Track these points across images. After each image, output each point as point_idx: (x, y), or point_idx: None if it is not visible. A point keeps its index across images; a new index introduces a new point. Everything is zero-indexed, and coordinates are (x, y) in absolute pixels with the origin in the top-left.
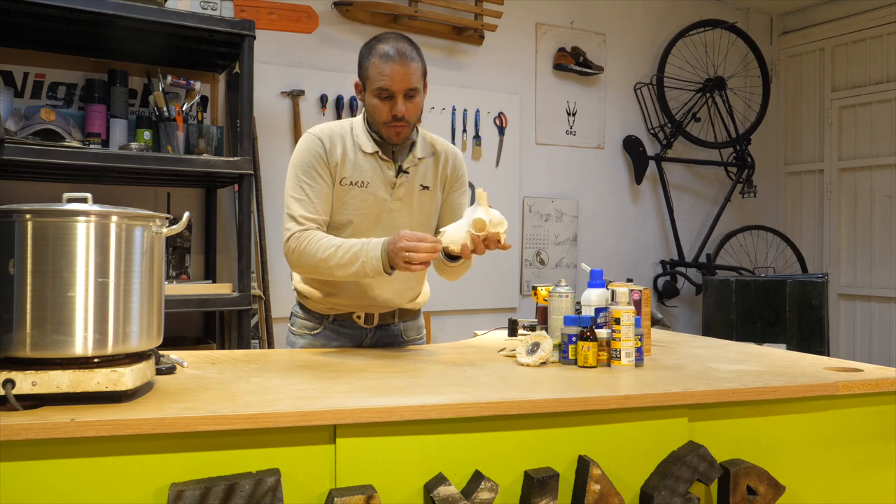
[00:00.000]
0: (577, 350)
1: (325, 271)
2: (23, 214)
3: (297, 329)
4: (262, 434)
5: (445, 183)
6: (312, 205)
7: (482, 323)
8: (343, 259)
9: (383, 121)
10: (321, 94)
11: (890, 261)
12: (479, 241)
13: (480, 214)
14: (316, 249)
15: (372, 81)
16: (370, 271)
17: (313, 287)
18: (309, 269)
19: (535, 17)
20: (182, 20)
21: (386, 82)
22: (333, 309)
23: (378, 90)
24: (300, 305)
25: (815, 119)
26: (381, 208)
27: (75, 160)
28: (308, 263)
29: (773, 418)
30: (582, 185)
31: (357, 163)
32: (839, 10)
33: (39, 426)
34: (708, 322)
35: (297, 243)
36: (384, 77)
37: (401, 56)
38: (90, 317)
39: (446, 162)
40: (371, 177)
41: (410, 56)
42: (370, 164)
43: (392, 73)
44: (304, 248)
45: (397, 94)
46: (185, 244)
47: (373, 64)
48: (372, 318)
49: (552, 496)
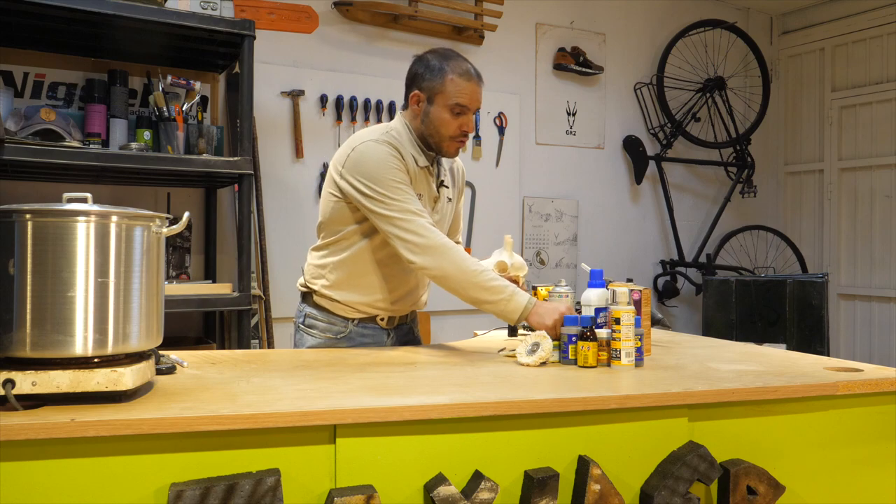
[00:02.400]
0: (577, 350)
1: (456, 284)
2: (23, 214)
3: (318, 333)
4: (262, 434)
5: (458, 194)
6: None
7: (482, 323)
8: (491, 284)
9: (451, 135)
10: (321, 94)
11: (890, 261)
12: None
13: (504, 258)
14: (460, 258)
15: (449, 97)
16: (508, 314)
17: (345, 290)
18: (440, 271)
19: (535, 17)
20: (182, 20)
21: (465, 99)
22: (360, 312)
23: (454, 105)
24: (321, 309)
25: (815, 119)
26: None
27: (75, 160)
28: (448, 269)
29: (773, 418)
30: (582, 185)
31: (417, 175)
32: (839, 10)
33: (39, 426)
34: (708, 322)
35: (435, 241)
36: (464, 94)
37: (478, 77)
38: (90, 317)
39: (458, 173)
40: (424, 189)
41: (481, 79)
42: (423, 177)
43: (472, 92)
44: (444, 243)
45: (471, 112)
46: (185, 244)
47: (451, 80)
48: (393, 319)
49: (552, 496)
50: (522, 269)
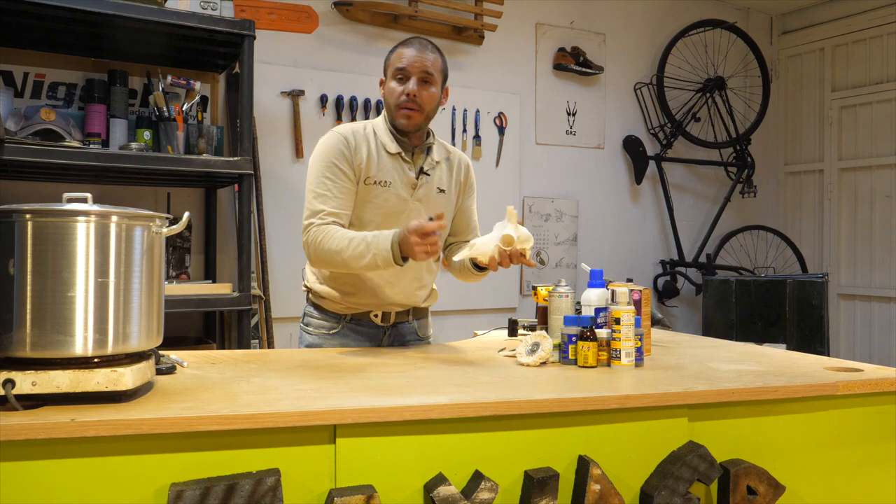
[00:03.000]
0: (577, 350)
1: (339, 264)
2: (23, 214)
3: (313, 330)
4: (262, 434)
5: (460, 189)
6: (334, 200)
7: (482, 323)
8: (356, 251)
9: (396, 102)
10: (321, 94)
11: (890, 261)
12: (506, 256)
13: (509, 230)
14: (331, 242)
15: (391, 66)
16: (381, 262)
17: (331, 287)
18: (325, 261)
19: (535, 17)
20: (182, 20)
21: (403, 63)
22: (351, 308)
23: (395, 71)
24: (315, 306)
25: (815, 119)
26: (403, 208)
27: (75, 160)
28: (324, 256)
29: (773, 418)
30: (582, 185)
31: (381, 163)
32: (839, 10)
33: (39, 426)
34: (708, 322)
35: (315, 237)
36: (402, 58)
37: (421, 45)
38: (90, 317)
39: (460, 168)
40: (394, 177)
41: (430, 49)
42: (393, 165)
43: (411, 56)
44: (320, 241)
45: (412, 76)
46: (185, 244)
47: (394, 52)
48: (389, 316)
49: (552, 496)
50: (528, 241)
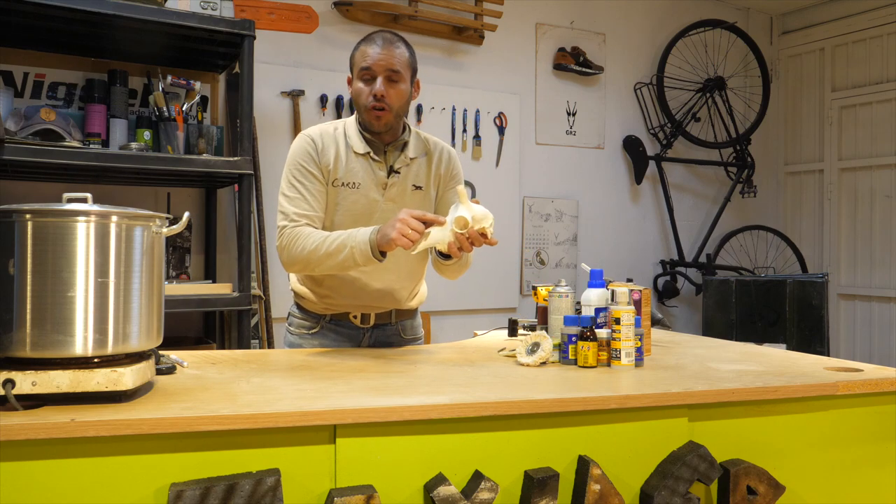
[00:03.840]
0: (577, 350)
1: (315, 264)
2: (23, 214)
3: (294, 329)
4: (262, 434)
5: (439, 182)
6: (305, 202)
7: (482, 323)
8: (331, 248)
9: (364, 104)
10: (321, 94)
11: (890, 261)
12: (464, 240)
13: (462, 212)
14: (305, 243)
15: (356, 66)
16: (359, 257)
17: (308, 287)
18: (300, 263)
19: (535, 17)
20: (182, 20)
21: (368, 62)
22: (329, 309)
23: (360, 71)
24: (297, 306)
25: (815, 119)
26: (373, 209)
27: (75, 160)
28: (298, 258)
29: (773, 418)
30: (582, 185)
31: (349, 164)
32: (839, 10)
33: (39, 426)
34: (708, 322)
35: (288, 239)
36: (367, 58)
37: (385, 41)
38: (90, 317)
39: (440, 161)
40: (363, 178)
41: (395, 44)
42: (361, 166)
43: (375, 55)
44: (293, 243)
45: (378, 75)
46: (185, 244)
47: (358, 50)
48: (368, 318)
49: (552, 496)
50: (486, 219)
